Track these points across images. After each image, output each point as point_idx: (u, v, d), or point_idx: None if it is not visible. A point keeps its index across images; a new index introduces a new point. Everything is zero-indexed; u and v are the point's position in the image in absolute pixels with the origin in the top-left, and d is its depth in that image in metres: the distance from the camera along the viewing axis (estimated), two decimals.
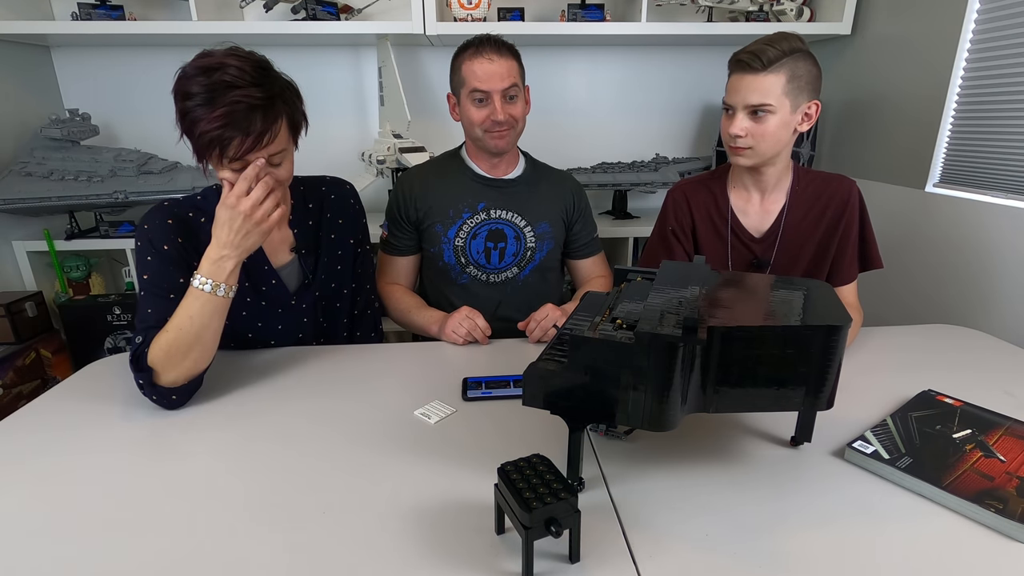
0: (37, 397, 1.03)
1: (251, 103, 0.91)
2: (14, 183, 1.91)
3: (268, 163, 0.97)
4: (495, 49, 1.29)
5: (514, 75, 1.30)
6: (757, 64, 1.06)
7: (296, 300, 1.18)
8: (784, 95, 1.08)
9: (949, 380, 1.02)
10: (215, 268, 0.94)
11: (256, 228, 0.95)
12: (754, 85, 1.08)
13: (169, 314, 0.97)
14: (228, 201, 0.93)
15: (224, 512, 0.73)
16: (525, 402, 0.74)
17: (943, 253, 1.63)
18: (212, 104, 0.90)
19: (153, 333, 0.96)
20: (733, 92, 1.11)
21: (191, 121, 0.92)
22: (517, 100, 1.33)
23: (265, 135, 0.94)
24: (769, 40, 1.07)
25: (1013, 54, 1.44)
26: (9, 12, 1.90)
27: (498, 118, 1.30)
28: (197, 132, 0.92)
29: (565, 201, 1.47)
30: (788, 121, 1.10)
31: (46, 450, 0.87)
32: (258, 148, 0.95)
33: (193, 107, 0.91)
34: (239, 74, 0.91)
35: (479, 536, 0.68)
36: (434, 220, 1.39)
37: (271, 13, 2.05)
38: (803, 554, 0.66)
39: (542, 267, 1.47)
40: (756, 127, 1.10)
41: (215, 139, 0.91)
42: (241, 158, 0.94)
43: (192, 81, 0.91)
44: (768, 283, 0.85)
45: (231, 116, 0.90)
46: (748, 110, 1.10)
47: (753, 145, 1.12)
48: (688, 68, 2.37)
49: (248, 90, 0.91)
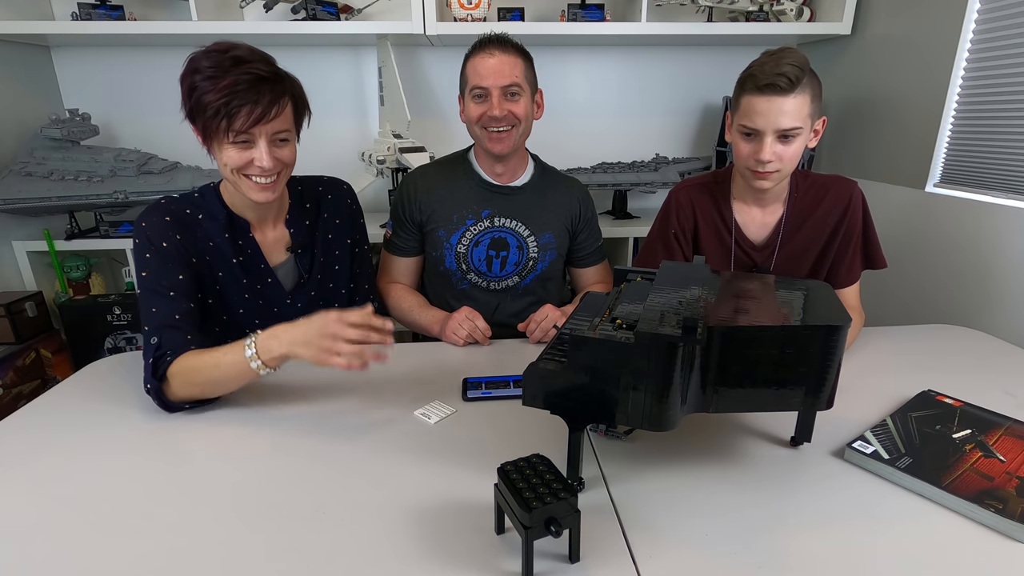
0: (37, 397, 1.03)
1: (259, 75, 0.94)
2: (14, 183, 1.91)
3: (273, 140, 0.98)
4: (498, 46, 1.26)
5: (517, 73, 1.26)
6: (785, 84, 1.01)
7: (292, 299, 1.18)
8: (808, 116, 1.05)
9: (949, 380, 1.02)
10: (267, 345, 0.91)
11: (322, 350, 0.87)
12: (784, 108, 1.02)
13: (174, 311, 0.98)
14: (334, 316, 0.87)
15: (223, 512, 0.73)
16: (525, 402, 0.74)
17: (943, 253, 1.63)
18: (221, 75, 0.92)
19: (168, 333, 0.96)
20: (759, 116, 1.04)
21: (199, 94, 0.93)
22: (519, 99, 1.27)
23: (273, 107, 0.95)
24: (787, 59, 1.01)
25: (1013, 54, 1.43)
26: (9, 12, 1.90)
27: (494, 113, 1.25)
28: (205, 103, 0.93)
29: (571, 210, 1.44)
30: (806, 140, 1.08)
31: (46, 450, 0.87)
32: (265, 120, 0.95)
33: (201, 80, 0.93)
34: (248, 53, 0.95)
35: (479, 536, 0.68)
36: (437, 225, 1.38)
37: (271, 13, 2.05)
38: (803, 554, 0.66)
39: (543, 277, 1.45)
40: (784, 150, 1.06)
41: (222, 107, 0.92)
42: (248, 130, 0.95)
43: (202, 59, 0.94)
44: (768, 283, 0.85)
45: (239, 85, 0.92)
46: (778, 134, 1.05)
47: (780, 168, 1.09)
48: (688, 68, 2.36)
49: (256, 64, 0.94)
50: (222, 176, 1.04)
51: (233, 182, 1.02)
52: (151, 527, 0.71)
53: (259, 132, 0.96)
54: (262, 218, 1.13)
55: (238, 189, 1.03)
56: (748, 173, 1.12)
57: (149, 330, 0.97)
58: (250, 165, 0.99)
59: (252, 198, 1.03)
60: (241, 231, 1.10)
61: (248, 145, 0.97)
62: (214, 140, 0.97)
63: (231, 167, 0.99)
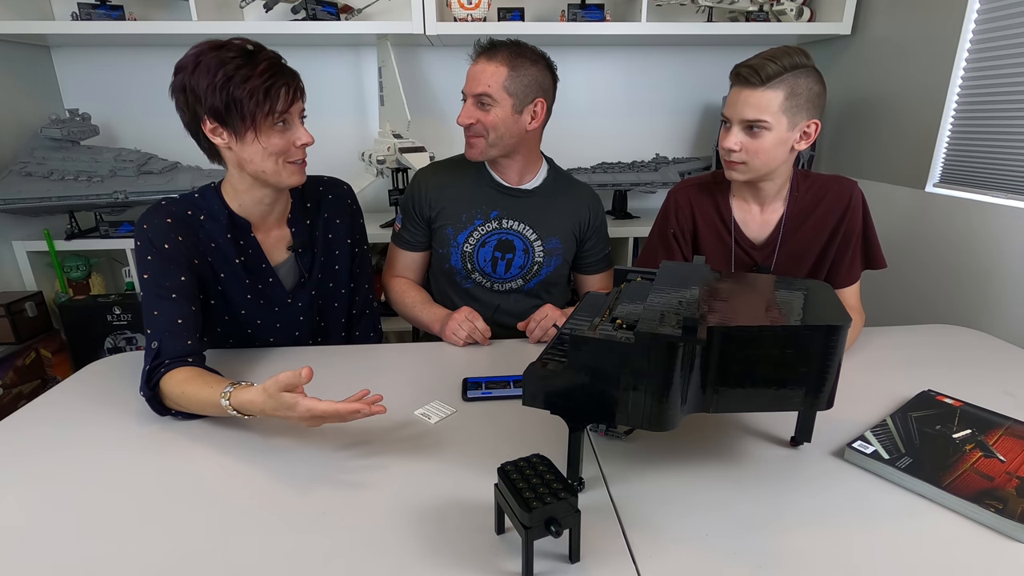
0: (37, 397, 1.03)
1: (278, 59, 1.01)
2: (14, 183, 1.91)
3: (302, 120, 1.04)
4: (486, 52, 1.26)
5: (491, 81, 1.23)
6: (755, 79, 1.05)
7: (292, 298, 1.18)
8: (781, 112, 1.06)
9: (949, 380, 1.02)
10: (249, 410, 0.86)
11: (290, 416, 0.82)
12: (751, 100, 1.06)
13: (176, 314, 0.98)
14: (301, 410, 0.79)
15: (223, 512, 0.73)
16: (525, 402, 0.74)
17: (943, 253, 1.63)
18: (253, 62, 0.96)
19: (168, 339, 0.96)
20: (731, 105, 1.10)
21: (233, 87, 0.95)
22: (489, 108, 1.25)
23: (300, 86, 1.03)
24: (771, 55, 1.05)
25: (1013, 54, 1.43)
26: (9, 12, 1.90)
27: (459, 120, 1.27)
28: (245, 91, 0.95)
29: (580, 217, 1.43)
30: (785, 139, 1.09)
31: (46, 450, 0.87)
32: (298, 99, 1.02)
33: (234, 70, 0.95)
34: (248, 42, 0.99)
35: (479, 536, 0.68)
36: (446, 222, 1.38)
37: (271, 13, 2.05)
38: (803, 554, 0.66)
39: (547, 282, 1.45)
40: (751, 143, 1.09)
41: (268, 89, 0.96)
42: (288, 109, 1.00)
43: (213, 55, 0.96)
44: (768, 283, 0.85)
45: (274, 67, 0.98)
46: (744, 125, 1.09)
47: (747, 160, 1.11)
48: (688, 68, 2.36)
49: (268, 51, 1.00)
50: (253, 173, 1.04)
51: (273, 172, 1.03)
52: (150, 527, 0.71)
53: (295, 111, 1.02)
54: (268, 215, 1.13)
55: (276, 179, 1.04)
56: (724, 164, 1.16)
57: (151, 333, 0.98)
58: (291, 148, 1.03)
59: (291, 183, 1.06)
60: (242, 231, 1.10)
61: (287, 128, 1.02)
62: (257, 131, 0.99)
63: (275, 153, 1.01)
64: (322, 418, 0.81)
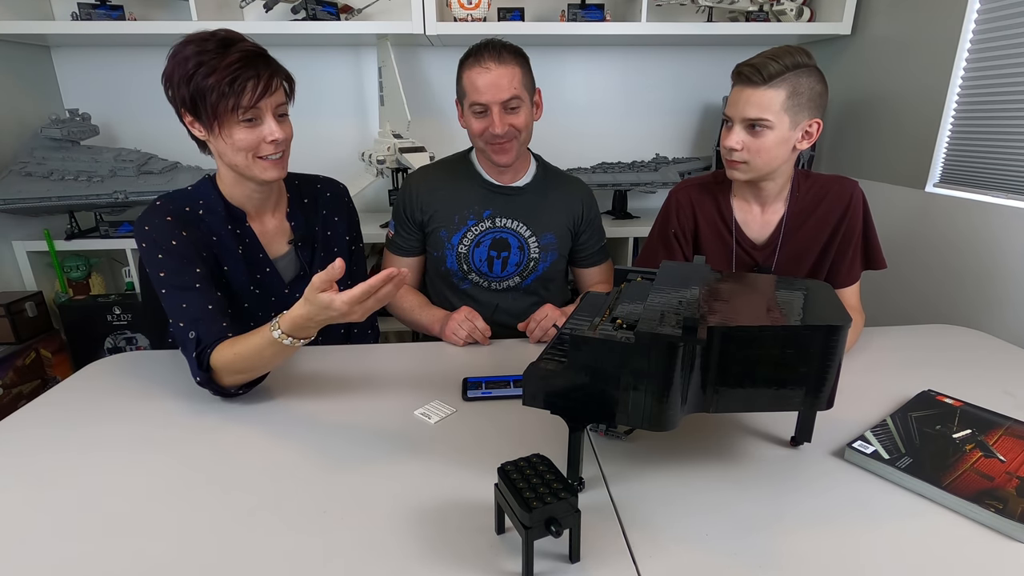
0: (37, 397, 1.03)
1: (255, 51, 0.98)
2: (14, 183, 1.91)
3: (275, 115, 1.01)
4: (494, 57, 1.23)
5: (515, 84, 1.24)
6: (757, 78, 1.05)
7: (290, 291, 1.19)
8: (783, 111, 1.06)
9: (949, 380, 1.02)
10: (300, 329, 0.90)
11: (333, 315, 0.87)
12: (753, 99, 1.06)
13: (204, 301, 0.99)
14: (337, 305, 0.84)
15: (224, 511, 0.73)
16: (525, 402, 0.74)
17: (943, 253, 1.63)
18: (223, 53, 0.94)
19: (204, 326, 0.97)
20: (732, 104, 1.10)
21: (200, 79, 0.94)
22: (519, 110, 1.26)
23: (274, 79, 0.99)
24: (773, 54, 1.05)
25: (1013, 54, 1.43)
26: (9, 12, 1.90)
27: (495, 131, 1.25)
28: (209, 84, 0.94)
29: (573, 211, 1.43)
30: (786, 138, 1.09)
31: (46, 450, 0.87)
32: (268, 93, 0.98)
33: (198, 65, 0.94)
34: (231, 34, 0.98)
35: (479, 536, 0.68)
36: (439, 225, 1.38)
37: (271, 13, 2.05)
38: (803, 554, 0.66)
39: (544, 277, 1.45)
40: (753, 142, 1.09)
41: (232, 82, 0.94)
42: (256, 104, 0.97)
43: (192, 46, 0.95)
44: (769, 283, 0.85)
45: (243, 60, 0.95)
46: (745, 124, 1.09)
47: (748, 160, 1.11)
48: (688, 68, 2.36)
49: (245, 43, 0.98)
50: (229, 165, 1.04)
51: (245, 167, 1.02)
52: (151, 527, 0.71)
53: (265, 106, 0.99)
54: (261, 207, 1.13)
55: (250, 174, 1.03)
56: (725, 163, 1.16)
57: (184, 326, 0.98)
58: (261, 144, 1.00)
59: (265, 178, 1.04)
60: (238, 221, 1.11)
61: (255, 123, 0.99)
62: (220, 125, 0.97)
63: (243, 149, 1.00)
64: (358, 301, 0.84)
